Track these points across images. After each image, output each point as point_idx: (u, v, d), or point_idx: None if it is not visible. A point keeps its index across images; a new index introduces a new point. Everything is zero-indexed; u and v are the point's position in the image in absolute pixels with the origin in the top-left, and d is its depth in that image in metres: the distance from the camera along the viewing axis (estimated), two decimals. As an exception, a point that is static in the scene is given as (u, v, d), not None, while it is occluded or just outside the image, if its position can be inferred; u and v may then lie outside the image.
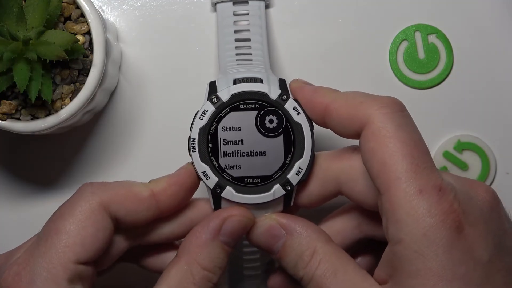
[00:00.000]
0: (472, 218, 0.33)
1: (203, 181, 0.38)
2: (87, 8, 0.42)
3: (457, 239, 0.32)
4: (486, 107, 0.48)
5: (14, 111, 0.42)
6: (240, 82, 0.38)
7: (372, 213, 0.39)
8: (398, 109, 0.35)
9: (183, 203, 0.39)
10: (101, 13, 0.46)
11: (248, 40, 0.44)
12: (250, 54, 0.43)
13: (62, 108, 0.42)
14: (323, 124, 0.38)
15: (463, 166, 0.48)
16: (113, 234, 0.37)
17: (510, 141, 0.48)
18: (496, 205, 0.35)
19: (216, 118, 0.38)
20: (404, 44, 0.48)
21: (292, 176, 0.38)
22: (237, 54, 0.43)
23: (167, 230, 0.39)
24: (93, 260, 0.36)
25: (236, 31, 0.44)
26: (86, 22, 0.43)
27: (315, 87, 0.38)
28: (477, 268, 0.32)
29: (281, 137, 0.38)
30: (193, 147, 0.38)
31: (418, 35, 0.48)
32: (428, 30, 0.48)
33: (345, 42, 0.48)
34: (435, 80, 0.48)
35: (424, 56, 0.48)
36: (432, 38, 0.48)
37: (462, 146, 0.48)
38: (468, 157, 0.48)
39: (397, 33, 0.48)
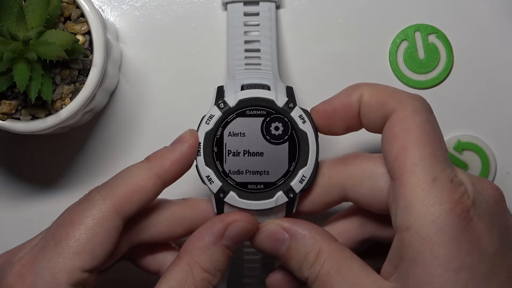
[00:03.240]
0: (480, 211, 0.33)
1: (207, 186, 0.38)
2: (87, 8, 0.42)
3: (465, 229, 0.33)
4: (486, 107, 0.48)
5: (14, 111, 0.42)
6: (248, 88, 0.39)
7: (376, 214, 0.39)
8: (427, 107, 0.36)
9: (185, 171, 0.39)
10: (101, 13, 0.46)
11: (258, 41, 0.44)
12: (259, 58, 0.43)
13: (62, 108, 0.42)
14: (356, 119, 0.38)
15: (463, 166, 0.48)
16: (119, 236, 0.37)
17: (510, 141, 0.48)
18: (502, 201, 0.35)
19: (222, 123, 0.38)
20: (404, 44, 0.48)
21: (295, 183, 0.38)
22: (246, 58, 0.43)
23: (167, 229, 0.39)
24: (98, 267, 0.36)
25: (246, 32, 0.44)
26: (86, 22, 0.43)
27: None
28: (483, 260, 0.33)
29: (286, 144, 0.38)
30: (198, 151, 0.38)
31: (418, 35, 0.48)
32: (428, 30, 0.48)
33: (344, 42, 0.48)
34: (435, 80, 0.48)
35: (424, 56, 0.48)
36: (432, 38, 0.48)
37: (462, 146, 0.48)
38: (468, 157, 0.48)
39: (397, 33, 0.48)
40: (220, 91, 0.39)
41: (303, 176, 0.38)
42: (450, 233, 0.32)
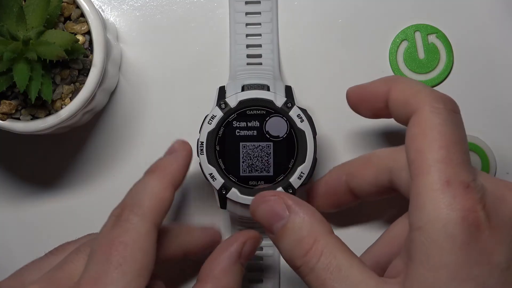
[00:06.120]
0: (496, 222, 0.33)
1: (210, 182, 0.40)
2: (87, 8, 0.42)
3: (475, 239, 0.32)
4: (486, 107, 0.48)
5: (14, 111, 0.42)
6: (248, 89, 0.41)
7: None
8: (451, 108, 0.36)
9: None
10: (101, 13, 0.46)
11: (259, 40, 0.45)
12: (260, 57, 0.44)
13: (62, 108, 0.42)
14: (384, 109, 0.39)
15: (463, 166, 0.48)
16: None
17: (510, 141, 0.48)
18: None
19: (223, 122, 0.40)
20: (404, 44, 0.48)
21: (294, 180, 0.40)
22: (248, 57, 0.44)
23: (181, 247, 0.41)
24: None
25: (247, 36, 0.45)
26: (86, 22, 0.43)
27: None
28: (493, 273, 0.32)
29: (285, 142, 0.40)
30: (201, 149, 0.40)
31: (418, 35, 0.48)
32: (428, 30, 0.48)
33: (345, 42, 0.48)
34: (435, 80, 0.48)
35: (424, 56, 0.48)
36: (432, 38, 0.48)
37: (462, 146, 0.48)
38: (468, 157, 0.48)
39: (397, 33, 0.48)
40: (222, 92, 0.41)
41: (301, 172, 0.40)
42: (460, 241, 0.32)
